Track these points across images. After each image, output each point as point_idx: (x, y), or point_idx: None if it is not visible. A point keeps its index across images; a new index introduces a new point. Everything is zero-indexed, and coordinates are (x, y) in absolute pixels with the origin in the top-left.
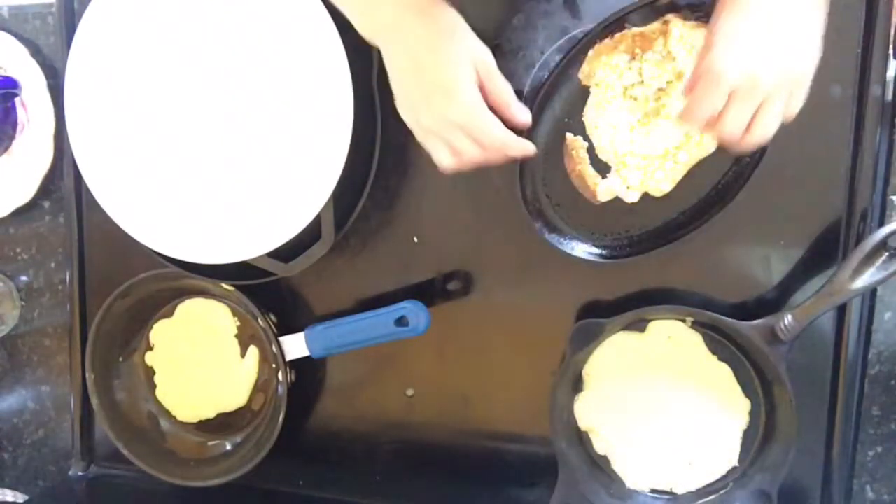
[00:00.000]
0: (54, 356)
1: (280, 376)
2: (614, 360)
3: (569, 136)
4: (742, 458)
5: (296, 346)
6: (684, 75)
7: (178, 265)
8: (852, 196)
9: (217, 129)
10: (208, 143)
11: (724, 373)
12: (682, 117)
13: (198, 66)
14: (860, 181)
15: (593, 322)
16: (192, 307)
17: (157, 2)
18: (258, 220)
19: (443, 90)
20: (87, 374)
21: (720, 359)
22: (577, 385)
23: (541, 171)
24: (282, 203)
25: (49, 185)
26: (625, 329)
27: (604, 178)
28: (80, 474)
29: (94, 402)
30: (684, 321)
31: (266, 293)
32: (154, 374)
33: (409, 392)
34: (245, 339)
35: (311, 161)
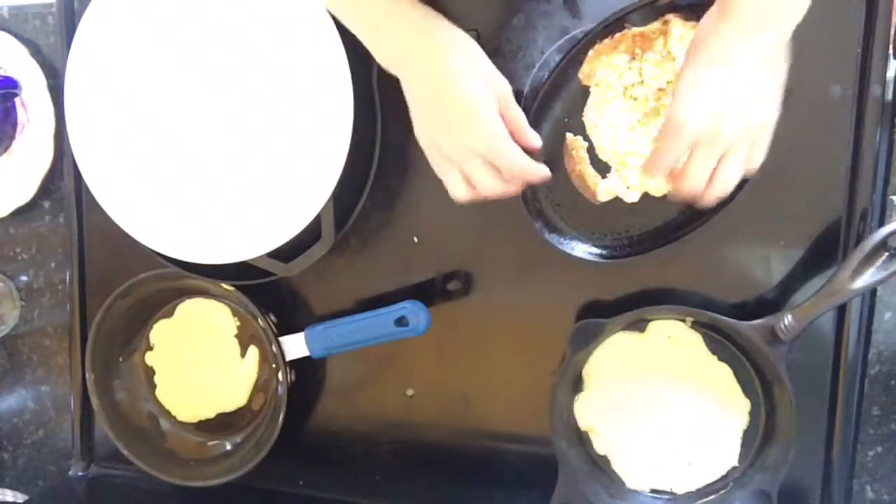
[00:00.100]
0: (54, 356)
1: (280, 376)
2: (614, 360)
3: (569, 136)
4: (742, 458)
5: (296, 346)
6: None
7: (178, 265)
8: (852, 196)
9: (217, 129)
10: (208, 143)
11: (724, 373)
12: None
13: (198, 66)
14: (860, 181)
15: (593, 322)
16: (192, 307)
17: (157, 2)
18: (258, 220)
19: (464, 118)
20: (87, 374)
21: (720, 359)
22: (577, 385)
23: None
24: (282, 203)
25: (49, 185)
26: (625, 329)
27: (604, 178)
28: (80, 474)
29: (94, 402)
30: (684, 321)
31: (266, 293)
32: (154, 374)
33: (409, 392)
34: (245, 339)
35: (311, 161)
